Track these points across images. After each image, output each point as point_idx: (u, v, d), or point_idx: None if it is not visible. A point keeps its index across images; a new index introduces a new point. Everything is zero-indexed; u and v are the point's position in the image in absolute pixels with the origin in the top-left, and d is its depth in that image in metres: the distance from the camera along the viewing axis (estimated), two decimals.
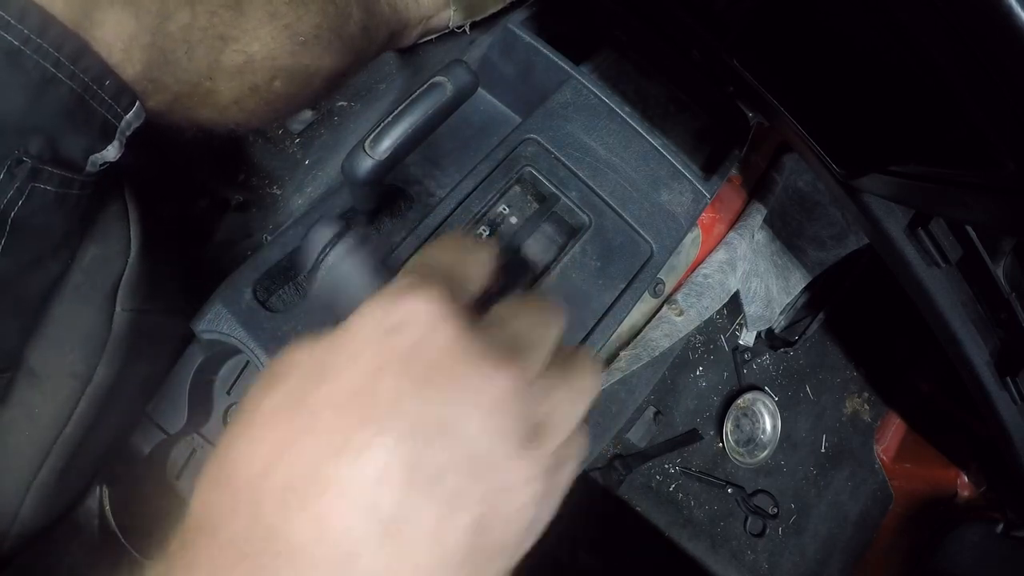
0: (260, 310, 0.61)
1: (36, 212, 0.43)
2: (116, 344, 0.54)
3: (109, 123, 0.45)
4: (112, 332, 0.53)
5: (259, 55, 0.53)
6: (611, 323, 0.65)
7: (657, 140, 0.70)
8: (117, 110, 0.45)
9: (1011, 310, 0.67)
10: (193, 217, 0.79)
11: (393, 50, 0.79)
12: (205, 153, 0.79)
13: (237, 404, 0.66)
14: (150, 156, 0.65)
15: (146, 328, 0.57)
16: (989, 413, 0.76)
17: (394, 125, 0.49)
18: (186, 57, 0.48)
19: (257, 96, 0.55)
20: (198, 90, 0.51)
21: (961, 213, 0.47)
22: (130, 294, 0.54)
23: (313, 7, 0.56)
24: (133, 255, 0.54)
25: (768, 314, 1.07)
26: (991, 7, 0.28)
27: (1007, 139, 0.35)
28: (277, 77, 0.55)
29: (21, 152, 0.40)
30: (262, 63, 0.53)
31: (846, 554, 1.23)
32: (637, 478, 1.10)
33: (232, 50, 0.51)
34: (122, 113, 0.46)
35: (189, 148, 0.73)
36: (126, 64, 0.44)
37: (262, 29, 0.52)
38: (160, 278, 0.58)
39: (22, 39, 0.38)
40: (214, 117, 0.54)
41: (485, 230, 0.65)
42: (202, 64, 0.49)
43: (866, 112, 0.50)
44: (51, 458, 0.54)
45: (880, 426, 1.30)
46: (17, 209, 0.42)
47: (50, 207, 0.44)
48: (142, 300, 0.55)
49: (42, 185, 0.42)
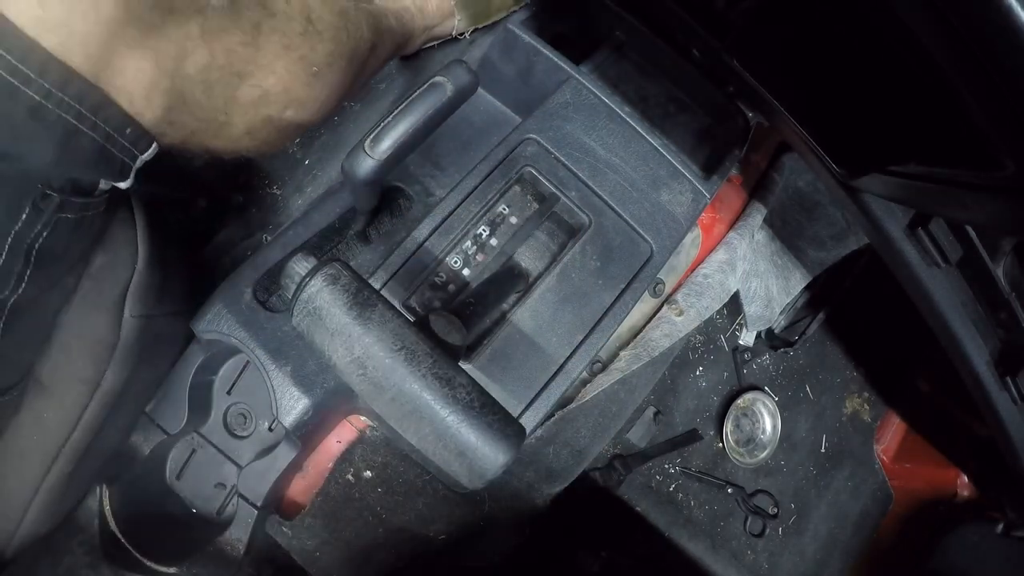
0: (260, 310, 0.61)
1: (58, 239, 0.44)
2: (125, 349, 0.54)
3: (127, 164, 0.46)
4: (121, 338, 0.54)
5: (274, 88, 0.52)
6: (611, 323, 0.65)
7: (657, 140, 0.70)
8: (135, 153, 0.46)
9: (1011, 310, 0.67)
10: (193, 217, 0.79)
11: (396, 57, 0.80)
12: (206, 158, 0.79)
13: (237, 404, 0.66)
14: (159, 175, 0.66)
15: (154, 332, 0.57)
16: (989, 413, 0.76)
17: (394, 125, 0.49)
18: (204, 96, 0.48)
19: (270, 126, 0.55)
20: (212, 124, 0.51)
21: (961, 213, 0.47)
22: (138, 300, 0.54)
23: (327, 35, 0.55)
24: (141, 261, 0.54)
25: (768, 314, 1.07)
26: (991, 7, 0.28)
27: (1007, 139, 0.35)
28: (290, 107, 0.55)
29: (45, 187, 0.41)
30: (277, 96, 0.53)
31: (846, 554, 1.23)
32: (637, 478, 1.10)
33: (248, 85, 0.51)
34: (139, 155, 0.46)
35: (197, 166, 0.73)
36: (146, 110, 0.44)
37: (278, 63, 0.52)
38: (167, 282, 0.59)
39: (44, 94, 0.38)
40: (226, 147, 0.55)
41: (485, 230, 0.65)
42: (219, 101, 0.49)
43: (866, 112, 0.50)
44: (58, 463, 0.54)
45: (880, 426, 1.30)
46: (42, 240, 0.43)
47: (70, 232, 0.45)
48: (150, 305, 0.56)
49: (65, 215, 0.43)
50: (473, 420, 0.40)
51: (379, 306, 0.41)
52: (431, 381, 0.40)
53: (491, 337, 0.61)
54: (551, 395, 0.62)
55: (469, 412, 0.40)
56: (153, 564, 0.62)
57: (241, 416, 0.66)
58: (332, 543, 0.74)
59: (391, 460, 0.75)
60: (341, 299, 0.40)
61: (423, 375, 0.40)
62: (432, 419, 0.40)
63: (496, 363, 0.61)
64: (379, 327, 0.40)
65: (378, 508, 0.75)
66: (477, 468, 0.40)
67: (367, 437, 0.73)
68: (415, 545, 0.78)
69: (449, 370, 0.41)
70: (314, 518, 0.73)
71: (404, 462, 0.75)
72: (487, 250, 0.64)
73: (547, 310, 0.63)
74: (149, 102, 0.44)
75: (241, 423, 0.66)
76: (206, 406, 0.66)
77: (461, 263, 0.63)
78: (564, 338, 0.63)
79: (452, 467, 0.41)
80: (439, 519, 0.79)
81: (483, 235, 0.65)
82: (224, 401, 0.66)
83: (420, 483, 0.76)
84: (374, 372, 0.40)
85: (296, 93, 0.54)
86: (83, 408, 0.53)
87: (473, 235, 0.64)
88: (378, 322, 0.40)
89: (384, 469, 0.75)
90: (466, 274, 0.63)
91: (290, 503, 0.72)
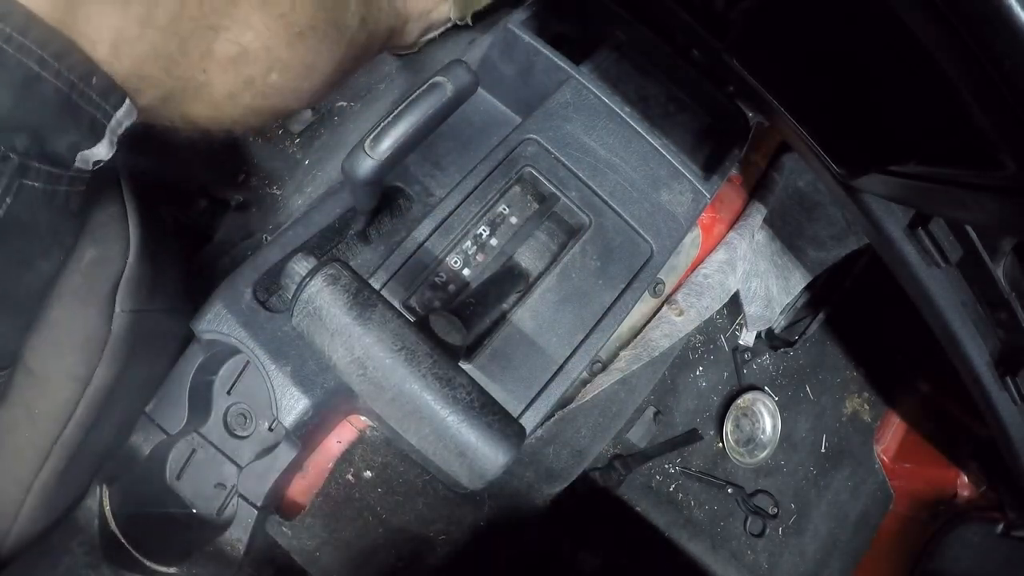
0: (260, 310, 0.61)
1: (23, 210, 0.42)
2: (116, 345, 0.54)
3: (98, 121, 0.44)
4: (112, 333, 0.53)
5: (253, 45, 0.51)
6: (611, 323, 0.65)
7: (657, 140, 0.70)
8: (106, 108, 0.44)
9: (1011, 310, 0.67)
10: (193, 217, 0.79)
11: (396, 50, 0.79)
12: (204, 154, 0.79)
13: (237, 404, 0.66)
14: (148, 158, 0.64)
15: (146, 328, 0.57)
16: (989, 413, 0.76)
17: (394, 125, 0.49)
18: (177, 50, 0.46)
19: (252, 90, 0.53)
20: (191, 84, 0.49)
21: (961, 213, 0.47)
22: (130, 295, 0.54)
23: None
24: (132, 256, 0.54)
25: (768, 314, 1.07)
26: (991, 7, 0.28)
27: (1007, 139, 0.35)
28: (273, 70, 0.53)
29: (7, 149, 0.39)
30: (257, 54, 0.51)
31: (846, 554, 1.23)
32: (637, 478, 1.10)
33: (225, 39, 0.49)
34: (111, 111, 0.45)
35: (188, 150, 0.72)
36: (114, 60, 0.43)
37: (254, 16, 0.50)
38: (160, 278, 0.58)
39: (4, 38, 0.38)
40: (208, 113, 0.53)
41: (485, 230, 0.65)
42: (194, 56, 0.48)
43: (866, 112, 0.50)
44: (51, 459, 0.54)
45: (880, 426, 1.30)
46: (5, 208, 0.41)
47: (37, 204, 0.43)
48: (142, 301, 0.55)
49: (30, 182, 0.42)
50: (473, 420, 0.40)
51: (379, 306, 0.41)
52: (431, 381, 0.40)
53: (491, 337, 0.61)
54: (551, 395, 0.62)
55: (469, 412, 0.40)
56: (153, 564, 0.62)
57: (241, 416, 0.66)
58: (332, 543, 0.74)
59: (391, 460, 0.75)
60: (341, 299, 0.40)
61: (423, 375, 0.40)
62: (432, 419, 0.40)
63: (496, 363, 0.61)
64: (379, 327, 0.40)
65: (378, 508, 0.75)
66: (477, 468, 0.40)
67: (367, 437, 0.73)
68: (415, 545, 0.78)
69: (449, 370, 0.41)
70: (314, 518, 0.73)
71: (404, 462, 0.75)
72: (487, 250, 0.64)
73: (547, 310, 0.63)
74: (116, 51, 0.43)
75: (241, 423, 0.66)
76: (206, 406, 0.66)
77: (461, 263, 0.63)
78: (564, 338, 0.63)
79: (452, 467, 0.41)
80: (439, 519, 0.79)
81: (483, 235, 0.65)
82: (224, 401, 0.66)
83: (420, 483, 0.76)
84: (374, 372, 0.40)
85: (278, 53, 0.53)
86: (75, 404, 0.53)
87: (473, 235, 0.64)
88: (378, 322, 0.40)
89: (384, 469, 0.75)
90: (466, 274, 0.63)
91: (290, 503, 0.72)
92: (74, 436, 0.54)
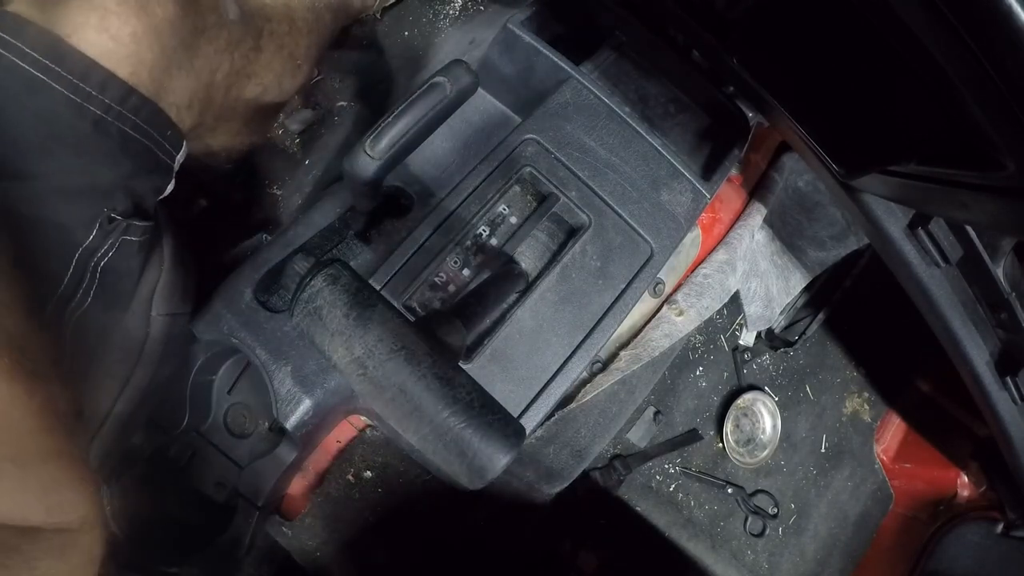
0: (260, 310, 0.61)
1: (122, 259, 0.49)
2: (153, 347, 0.56)
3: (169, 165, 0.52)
4: (149, 336, 0.56)
5: (271, 83, 0.61)
6: (611, 323, 0.65)
7: (657, 140, 0.70)
8: (174, 154, 0.52)
9: (1011, 310, 0.67)
10: (193, 217, 0.79)
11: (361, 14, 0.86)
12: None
13: (237, 404, 0.66)
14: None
15: (177, 330, 0.59)
16: (989, 413, 0.76)
17: (394, 125, 0.49)
18: (224, 98, 0.56)
19: (261, 115, 0.64)
20: (220, 121, 0.59)
21: (961, 213, 0.47)
22: (165, 299, 0.57)
23: (304, 30, 0.65)
24: (167, 261, 0.57)
25: (768, 314, 1.07)
26: (991, 7, 0.28)
27: (1007, 139, 0.35)
28: (278, 96, 0.65)
29: (110, 210, 0.47)
30: (271, 89, 0.62)
31: (846, 554, 1.23)
32: (637, 478, 1.10)
33: (253, 84, 0.60)
34: (175, 153, 0.52)
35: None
36: (186, 117, 0.52)
37: (275, 60, 0.61)
38: (189, 282, 0.61)
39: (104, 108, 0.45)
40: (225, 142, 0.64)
41: (485, 230, 0.65)
42: (232, 99, 0.58)
43: (866, 112, 0.50)
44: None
45: (880, 426, 1.30)
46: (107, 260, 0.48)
47: (134, 254, 0.51)
48: (175, 304, 0.58)
49: (130, 237, 0.49)
50: (473, 420, 0.40)
51: (379, 306, 0.41)
52: (431, 381, 0.40)
53: (491, 337, 0.61)
54: (551, 395, 0.62)
55: (469, 412, 0.40)
56: (153, 564, 0.62)
57: (241, 416, 0.66)
58: (332, 543, 0.74)
59: (391, 460, 0.75)
60: (341, 299, 0.40)
61: (423, 375, 0.40)
62: (432, 419, 0.40)
63: (496, 363, 0.61)
64: (379, 327, 0.40)
65: (378, 508, 0.75)
66: (477, 468, 0.40)
67: (367, 437, 0.73)
68: (415, 545, 0.78)
69: (449, 370, 0.41)
70: (314, 518, 0.73)
71: (404, 462, 0.75)
72: (487, 250, 0.64)
73: (547, 310, 0.63)
74: (190, 111, 0.52)
75: (241, 423, 0.66)
76: (206, 406, 0.66)
77: (461, 263, 0.63)
78: (564, 338, 0.63)
79: (452, 467, 0.41)
80: (439, 519, 0.79)
81: (483, 235, 0.65)
82: (224, 401, 0.66)
83: (420, 483, 0.76)
84: (374, 372, 0.40)
85: (285, 85, 0.64)
86: (113, 403, 0.54)
87: (473, 235, 0.64)
88: (378, 322, 0.40)
89: (384, 469, 0.75)
90: (466, 274, 0.63)
91: (290, 503, 0.72)
92: (110, 435, 0.55)
